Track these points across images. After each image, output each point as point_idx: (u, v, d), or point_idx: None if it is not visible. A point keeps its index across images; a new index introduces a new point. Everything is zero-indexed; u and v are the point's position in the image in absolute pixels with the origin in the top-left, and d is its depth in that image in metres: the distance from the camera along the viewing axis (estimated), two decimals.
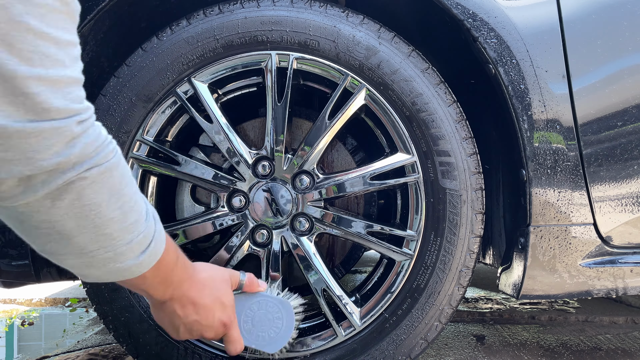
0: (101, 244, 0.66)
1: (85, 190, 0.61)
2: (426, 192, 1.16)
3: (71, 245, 0.64)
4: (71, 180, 0.58)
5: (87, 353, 1.59)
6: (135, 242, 0.69)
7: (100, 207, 0.63)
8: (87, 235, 0.64)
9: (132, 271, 0.72)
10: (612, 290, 1.17)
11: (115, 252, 0.67)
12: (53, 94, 0.54)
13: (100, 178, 0.62)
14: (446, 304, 1.16)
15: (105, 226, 0.65)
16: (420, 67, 1.14)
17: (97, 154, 0.61)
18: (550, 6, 1.11)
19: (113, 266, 0.69)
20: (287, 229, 1.20)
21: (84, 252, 0.65)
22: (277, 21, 1.13)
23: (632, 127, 1.12)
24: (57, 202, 0.59)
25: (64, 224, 0.62)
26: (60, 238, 0.63)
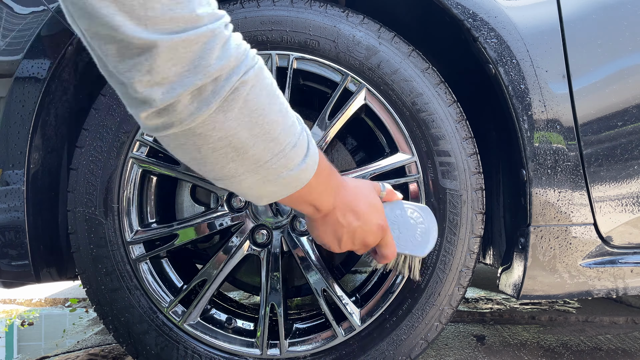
0: (273, 152, 0.67)
1: (249, 94, 0.62)
2: (426, 192, 1.16)
3: (248, 160, 0.66)
4: (235, 86, 0.60)
5: (87, 353, 1.59)
6: (298, 144, 0.70)
7: (264, 111, 0.65)
8: (260, 144, 0.65)
9: (300, 178, 0.73)
10: (612, 291, 1.17)
11: (286, 158, 0.69)
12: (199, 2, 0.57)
13: (257, 80, 0.64)
14: (446, 304, 1.16)
15: (273, 130, 0.66)
16: (420, 67, 1.14)
17: (247, 57, 0.63)
18: (551, 6, 1.11)
19: (286, 175, 0.70)
20: (287, 229, 1.20)
21: (260, 164, 0.67)
22: (277, 21, 1.13)
23: (632, 127, 1.12)
24: (229, 113, 0.61)
25: (239, 136, 0.63)
26: (237, 155, 0.65)
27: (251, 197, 0.74)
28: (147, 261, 1.20)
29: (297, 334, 1.24)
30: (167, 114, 0.59)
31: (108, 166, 1.16)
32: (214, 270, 1.20)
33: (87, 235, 1.17)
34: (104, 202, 1.16)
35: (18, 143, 1.14)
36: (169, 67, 0.55)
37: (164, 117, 0.59)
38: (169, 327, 1.19)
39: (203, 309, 1.21)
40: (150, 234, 1.19)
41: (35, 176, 1.17)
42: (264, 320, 1.19)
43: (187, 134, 0.61)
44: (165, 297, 1.20)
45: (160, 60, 0.55)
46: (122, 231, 1.18)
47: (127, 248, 1.18)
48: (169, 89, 0.56)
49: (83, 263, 1.18)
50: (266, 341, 1.20)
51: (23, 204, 1.14)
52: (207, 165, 0.67)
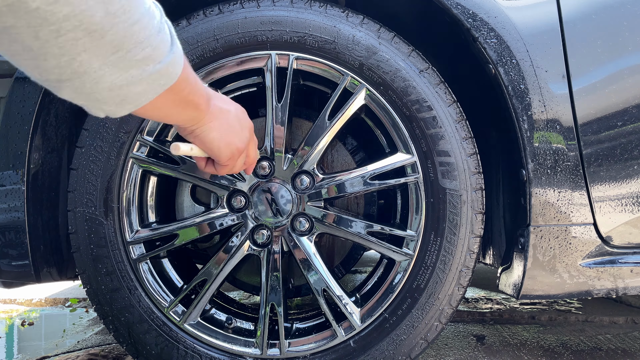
0: (136, 38, 0.55)
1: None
2: (426, 192, 1.16)
3: (104, 48, 0.52)
4: None
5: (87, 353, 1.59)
6: (162, 31, 0.59)
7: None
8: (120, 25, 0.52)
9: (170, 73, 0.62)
10: (612, 290, 1.17)
11: (152, 46, 0.57)
12: None
13: None
14: (446, 304, 1.16)
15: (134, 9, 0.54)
16: (420, 67, 1.14)
17: None
18: (550, 6, 1.11)
19: (153, 69, 0.58)
20: (287, 229, 1.20)
21: (120, 53, 0.54)
22: (277, 21, 1.13)
23: (632, 127, 1.12)
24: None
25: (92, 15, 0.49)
26: (91, 40, 0.51)
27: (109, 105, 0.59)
28: (148, 261, 1.20)
29: (297, 333, 1.24)
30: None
31: (108, 166, 1.16)
32: (214, 270, 1.20)
33: (88, 235, 1.17)
34: (104, 202, 1.17)
35: (18, 143, 1.14)
36: None
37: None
38: (169, 327, 1.19)
39: (203, 309, 1.21)
40: (150, 234, 1.20)
41: (35, 176, 1.17)
42: (264, 320, 1.19)
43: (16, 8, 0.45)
44: (166, 297, 1.20)
45: None
46: (122, 231, 1.18)
47: (127, 248, 1.18)
48: None
49: (83, 263, 1.18)
50: (266, 341, 1.20)
51: (23, 204, 1.14)
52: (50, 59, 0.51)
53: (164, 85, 0.62)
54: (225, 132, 0.84)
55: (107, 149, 1.16)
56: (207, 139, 0.83)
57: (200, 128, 0.81)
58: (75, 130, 1.25)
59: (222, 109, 0.83)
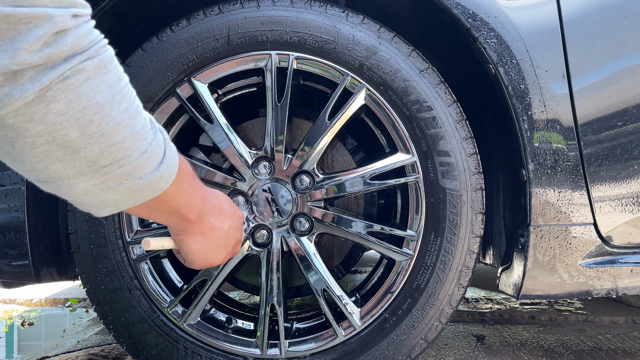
0: (114, 157, 0.57)
1: (83, 87, 0.52)
2: (426, 192, 1.16)
3: (79, 162, 0.55)
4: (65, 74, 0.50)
5: (87, 353, 1.59)
6: (150, 150, 0.61)
7: (104, 109, 0.55)
8: (96, 145, 0.55)
9: (153, 188, 0.63)
10: (612, 290, 1.17)
11: (131, 165, 0.59)
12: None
13: (97, 73, 0.54)
14: (446, 304, 1.16)
15: (115, 133, 0.56)
16: (420, 67, 1.14)
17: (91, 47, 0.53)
18: (550, 6, 1.11)
19: (132, 183, 0.60)
20: (287, 229, 1.20)
21: (96, 168, 0.56)
22: (277, 21, 1.13)
23: (632, 127, 1.12)
24: (52, 105, 0.51)
25: (65, 134, 0.52)
26: (65, 154, 0.54)
27: (90, 206, 0.62)
28: (147, 261, 1.20)
29: (297, 333, 1.24)
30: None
31: None
32: (214, 270, 1.20)
33: (87, 235, 1.17)
34: None
35: None
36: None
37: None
38: (169, 327, 1.19)
39: (203, 309, 1.21)
40: (150, 234, 1.19)
41: None
42: (264, 320, 1.19)
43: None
44: (166, 297, 1.20)
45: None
46: (122, 231, 1.18)
47: (127, 248, 1.18)
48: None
49: (83, 263, 1.18)
50: (266, 341, 1.20)
51: (23, 204, 1.14)
52: (26, 164, 0.55)
53: (146, 197, 0.63)
54: (207, 248, 0.84)
55: None
56: (186, 248, 0.83)
57: (182, 236, 0.81)
58: None
59: (214, 227, 0.83)
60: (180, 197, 0.71)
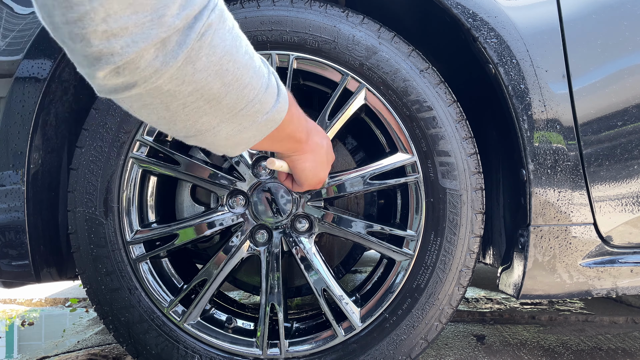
0: (247, 98, 0.63)
1: (214, 39, 0.56)
2: (426, 192, 1.16)
3: (221, 111, 0.61)
4: (200, 31, 0.54)
5: (87, 353, 1.59)
6: (269, 85, 0.66)
7: (232, 55, 0.59)
8: (233, 92, 0.60)
9: (276, 118, 0.69)
10: (612, 290, 1.17)
11: (260, 103, 0.65)
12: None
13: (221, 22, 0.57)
14: (446, 304, 1.16)
15: (244, 75, 0.61)
16: (420, 67, 1.14)
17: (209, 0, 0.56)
18: (550, 6, 1.11)
19: (262, 119, 0.66)
20: (287, 229, 1.20)
21: (234, 112, 0.62)
22: (277, 21, 1.13)
23: (632, 127, 1.12)
24: (197, 63, 0.55)
25: (210, 87, 0.58)
26: (210, 106, 0.60)
27: (226, 148, 0.69)
28: (147, 261, 1.20)
29: (298, 333, 1.24)
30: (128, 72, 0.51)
31: (108, 166, 1.16)
32: (214, 270, 1.20)
33: (87, 235, 1.17)
34: (104, 202, 1.17)
35: (18, 143, 1.14)
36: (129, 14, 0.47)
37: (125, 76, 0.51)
38: (169, 326, 1.19)
39: (203, 309, 1.21)
40: (150, 234, 1.20)
41: (35, 176, 1.17)
42: (264, 320, 1.19)
43: (152, 93, 0.54)
44: (166, 297, 1.20)
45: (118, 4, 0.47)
46: (122, 231, 1.18)
47: (127, 248, 1.18)
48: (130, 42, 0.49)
49: (83, 263, 1.18)
50: (266, 341, 1.20)
51: (23, 204, 1.14)
52: (178, 124, 0.61)
53: (270, 129, 0.70)
54: (316, 165, 0.93)
55: (107, 149, 1.16)
56: (300, 167, 0.92)
57: (296, 156, 0.89)
58: (75, 130, 1.25)
59: (318, 144, 0.91)
60: (293, 122, 0.77)
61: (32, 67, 1.12)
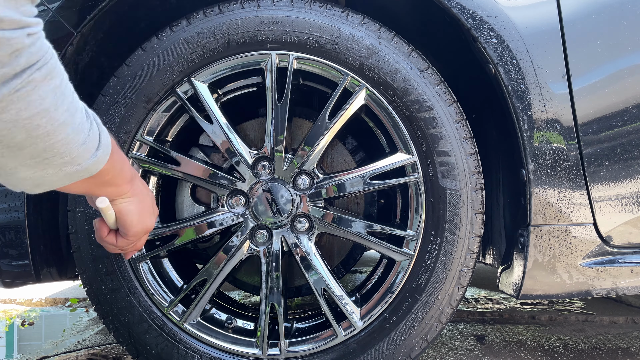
0: (57, 151, 0.61)
1: (31, 96, 0.56)
2: (426, 192, 1.16)
3: (22, 157, 0.60)
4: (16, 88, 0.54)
5: (87, 353, 1.59)
6: (88, 140, 0.66)
7: (48, 112, 0.58)
8: (40, 144, 0.59)
9: (90, 170, 0.68)
10: (612, 290, 1.17)
11: (72, 156, 0.64)
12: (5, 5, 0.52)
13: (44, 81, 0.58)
14: (446, 304, 1.16)
15: (58, 132, 0.60)
16: (420, 67, 1.14)
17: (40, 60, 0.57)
18: (550, 6, 1.11)
19: (71, 169, 0.65)
20: (287, 229, 1.20)
21: (38, 160, 0.61)
22: (277, 21, 1.13)
23: (632, 127, 1.12)
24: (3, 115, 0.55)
25: (13, 137, 0.57)
26: (10, 152, 0.59)
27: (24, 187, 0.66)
28: (148, 261, 1.20)
29: (297, 333, 1.25)
30: None
31: None
32: (214, 269, 1.20)
33: (87, 235, 1.17)
34: None
35: None
36: None
37: None
38: (169, 326, 1.19)
39: (203, 309, 1.21)
40: (150, 234, 1.19)
41: None
42: (264, 319, 1.19)
43: None
44: (166, 296, 1.20)
45: None
46: None
47: None
48: None
49: (83, 263, 1.18)
50: (266, 341, 1.20)
51: (23, 203, 1.14)
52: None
53: (82, 177, 0.68)
54: (142, 210, 0.90)
55: None
56: (125, 211, 0.88)
57: (121, 200, 0.87)
58: None
59: (143, 191, 0.91)
60: (115, 168, 0.76)
61: None
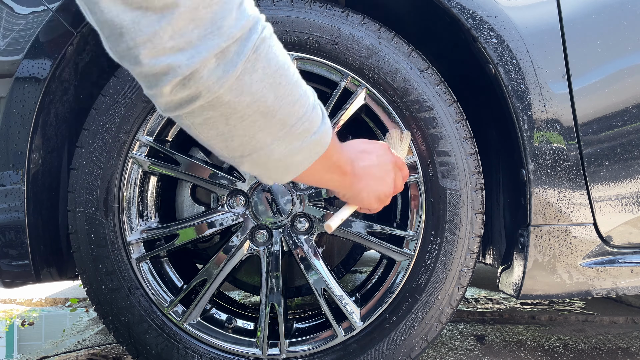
0: (297, 114, 0.65)
1: (268, 53, 0.60)
2: (426, 192, 1.16)
3: (275, 127, 0.64)
4: (256, 44, 0.58)
5: (87, 353, 1.59)
6: (316, 105, 0.70)
7: (284, 70, 0.63)
8: (285, 107, 0.63)
9: (322, 142, 0.71)
10: (612, 290, 1.17)
11: (309, 120, 0.67)
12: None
13: (272, 39, 0.62)
14: (446, 304, 1.16)
15: (295, 91, 0.65)
16: (420, 67, 1.14)
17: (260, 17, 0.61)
18: (550, 6, 1.11)
19: (310, 139, 0.68)
20: (287, 229, 1.20)
21: (286, 129, 0.65)
22: (277, 21, 1.13)
23: (632, 127, 1.12)
24: (254, 74, 0.59)
25: (265, 99, 0.61)
26: (265, 121, 0.62)
27: (277, 173, 0.71)
28: (148, 261, 1.20)
29: (297, 333, 1.25)
30: (193, 83, 0.55)
31: (108, 166, 1.16)
32: (214, 269, 1.20)
33: (88, 235, 1.17)
34: (104, 202, 1.17)
35: (18, 143, 1.14)
36: (192, 29, 0.53)
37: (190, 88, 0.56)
38: (169, 326, 1.19)
39: (203, 309, 1.21)
40: (150, 234, 1.20)
41: (35, 176, 1.17)
42: (264, 319, 1.19)
43: (214, 104, 0.58)
44: (166, 296, 1.20)
45: (183, 21, 0.52)
46: (122, 231, 1.18)
47: (127, 248, 1.18)
48: (194, 53, 0.54)
49: (83, 263, 1.18)
50: (266, 341, 1.20)
51: (23, 204, 1.14)
52: (235, 140, 0.63)
53: (318, 153, 0.72)
54: (372, 188, 0.90)
55: (107, 149, 1.16)
56: (358, 199, 0.91)
57: (350, 192, 0.89)
58: (75, 130, 1.25)
59: (365, 167, 0.89)
60: (336, 149, 0.78)
61: (32, 67, 1.12)
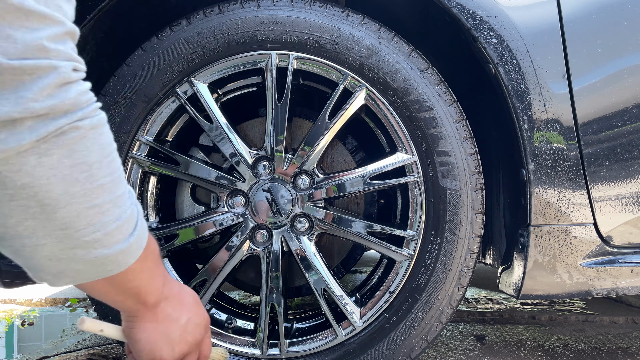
0: (89, 220, 0.55)
1: (77, 144, 0.53)
2: (426, 192, 1.16)
3: (53, 222, 0.53)
4: (63, 129, 0.51)
5: (87, 353, 1.59)
6: (124, 219, 0.59)
7: (92, 169, 0.55)
8: (75, 206, 0.54)
9: (119, 262, 0.61)
10: (612, 290, 1.17)
11: (104, 232, 0.57)
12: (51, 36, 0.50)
13: (93, 132, 0.54)
14: (446, 304, 1.16)
15: (96, 195, 0.55)
16: (420, 67, 1.14)
17: (89, 106, 0.54)
18: (551, 6, 1.11)
19: (100, 253, 0.58)
20: (287, 229, 1.20)
21: (68, 231, 0.54)
22: (277, 21, 1.13)
23: (632, 127, 1.12)
24: (45, 158, 0.50)
25: (49, 190, 0.52)
26: (42, 212, 0.52)
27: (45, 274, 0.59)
28: None
29: (297, 333, 1.24)
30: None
31: None
32: (214, 269, 1.20)
33: None
34: None
35: None
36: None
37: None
38: None
39: None
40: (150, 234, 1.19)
41: None
42: (264, 320, 1.19)
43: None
44: None
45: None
46: None
47: None
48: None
49: None
50: (266, 341, 1.20)
51: None
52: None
53: (109, 272, 0.61)
54: (156, 339, 0.75)
55: None
56: (134, 336, 0.75)
57: (134, 322, 0.74)
58: None
59: (169, 317, 0.76)
60: (142, 277, 0.67)
61: None
